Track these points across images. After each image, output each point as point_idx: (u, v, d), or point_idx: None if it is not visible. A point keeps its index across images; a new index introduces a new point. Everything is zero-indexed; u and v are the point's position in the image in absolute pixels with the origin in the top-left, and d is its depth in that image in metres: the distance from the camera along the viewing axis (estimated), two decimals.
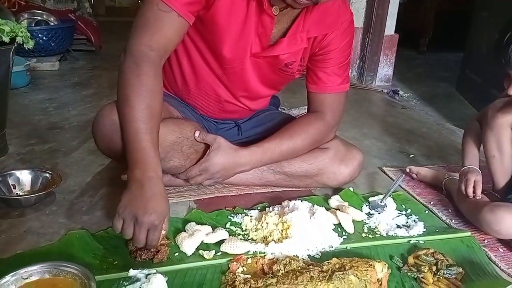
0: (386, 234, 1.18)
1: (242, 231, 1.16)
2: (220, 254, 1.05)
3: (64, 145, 1.70)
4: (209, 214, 1.24)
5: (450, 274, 1.00)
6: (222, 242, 1.07)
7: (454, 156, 1.85)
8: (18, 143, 1.68)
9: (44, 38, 2.98)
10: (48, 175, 1.32)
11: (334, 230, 1.16)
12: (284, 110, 2.08)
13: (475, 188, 1.27)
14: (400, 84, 3.09)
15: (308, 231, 1.09)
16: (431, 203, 1.39)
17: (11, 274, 0.84)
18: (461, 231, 1.22)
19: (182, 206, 1.29)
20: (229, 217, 1.22)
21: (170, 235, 1.10)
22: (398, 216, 1.28)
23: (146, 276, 0.93)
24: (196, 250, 1.05)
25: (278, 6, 1.15)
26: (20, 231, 1.12)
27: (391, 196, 1.34)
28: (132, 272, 0.95)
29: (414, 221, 1.26)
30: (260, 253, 1.05)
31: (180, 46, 1.23)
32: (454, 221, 1.29)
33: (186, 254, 1.04)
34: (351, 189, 1.42)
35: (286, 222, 1.11)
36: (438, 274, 1.00)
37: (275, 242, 1.06)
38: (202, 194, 1.35)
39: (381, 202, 1.31)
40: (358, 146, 1.47)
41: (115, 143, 1.10)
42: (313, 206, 1.21)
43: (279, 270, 0.95)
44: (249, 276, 0.96)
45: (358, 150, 1.42)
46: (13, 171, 1.32)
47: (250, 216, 1.21)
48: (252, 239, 1.12)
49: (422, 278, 0.99)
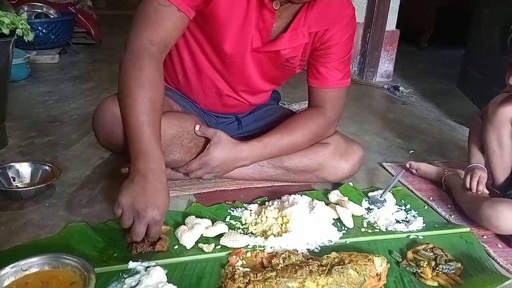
0: (386, 229, 1.19)
1: (242, 225, 1.16)
2: (219, 247, 1.05)
3: (64, 138, 1.70)
4: (209, 207, 1.24)
5: (449, 269, 1.00)
6: (221, 235, 1.07)
7: (454, 152, 1.85)
8: (18, 136, 1.68)
9: (44, 31, 2.97)
10: (48, 168, 1.32)
11: (333, 224, 1.16)
12: (284, 105, 2.08)
13: (479, 183, 1.28)
14: (400, 80, 3.09)
15: (307, 226, 1.09)
16: (431, 199, 1.39)
17: (11, 266, 0.84)
18: (460, 227, 1.22)
19: (182, 199, 1.29)
20: (228, 211, 1.23)
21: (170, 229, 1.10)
22: (398, 211, 1.28)
23: (146, 268, 0.94)
24: (195, 243, 1.05)
25: (278, 1, 1.14)
26: (19, 224, 1.12)
27: (391, 191, 1.34)
28: (131, 264, 0.95)
29: (414, 216, 1.26)
30: (259, 246, 1.05)
31: (181, 40, 1.22)
32: (453, 216, 1.29)
33: (185, 247, 1.04)
34: (351, 184, 1.42)
35: (285, 216, 1.11)
36: (437, 269, 1.00)
37: (275, 236, 1.06)
38: (202, 188, 1.35)
39: (380, 197, 1.31)
40: (358, 141, 1.47)
41: (116, 136, 1.10)
42: (312, 200, 1.21)
43: (278, 264, 0.95)
44: (248, 269, 0.96)
45: (358, 145, 1.42)
46: (12, 164, 1.31)
47: (250, 210, 1.21)
48: (251, 233, 1.12)
49: (421, 273, 0.99)
